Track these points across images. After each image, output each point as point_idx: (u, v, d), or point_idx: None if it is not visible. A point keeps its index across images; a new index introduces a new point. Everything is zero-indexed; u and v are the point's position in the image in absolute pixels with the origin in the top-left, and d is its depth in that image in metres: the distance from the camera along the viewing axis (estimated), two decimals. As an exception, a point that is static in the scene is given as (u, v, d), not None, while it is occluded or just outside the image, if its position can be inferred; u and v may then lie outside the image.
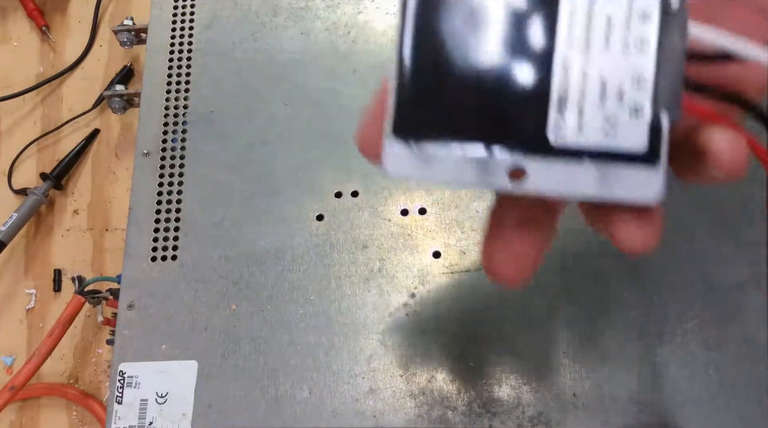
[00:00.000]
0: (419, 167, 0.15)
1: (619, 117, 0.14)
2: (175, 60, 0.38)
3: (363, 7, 0.38)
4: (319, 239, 0.33)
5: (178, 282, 0.32)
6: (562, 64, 0.14)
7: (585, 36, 0.14)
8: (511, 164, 0.15)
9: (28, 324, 0.47)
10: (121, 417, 0.30)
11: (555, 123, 0.14)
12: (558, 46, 0.14)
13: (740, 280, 0.30)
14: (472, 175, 0.15)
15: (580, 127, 0.14)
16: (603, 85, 0.14)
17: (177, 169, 0.35)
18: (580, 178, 0.14)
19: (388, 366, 0.30)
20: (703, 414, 0.28)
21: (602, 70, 0.14)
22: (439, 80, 0.15)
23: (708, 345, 0.30)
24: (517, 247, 0.16)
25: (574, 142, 0.14)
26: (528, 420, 0.29)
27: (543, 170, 0.14)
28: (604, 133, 0.14)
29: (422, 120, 0.15)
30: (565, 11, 0.14)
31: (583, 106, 0.14)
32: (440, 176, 0.15)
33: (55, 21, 0.56)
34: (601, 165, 0.14)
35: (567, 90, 0.14)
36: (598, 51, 0.14)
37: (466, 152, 0.15)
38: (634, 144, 0.14)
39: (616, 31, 0.14)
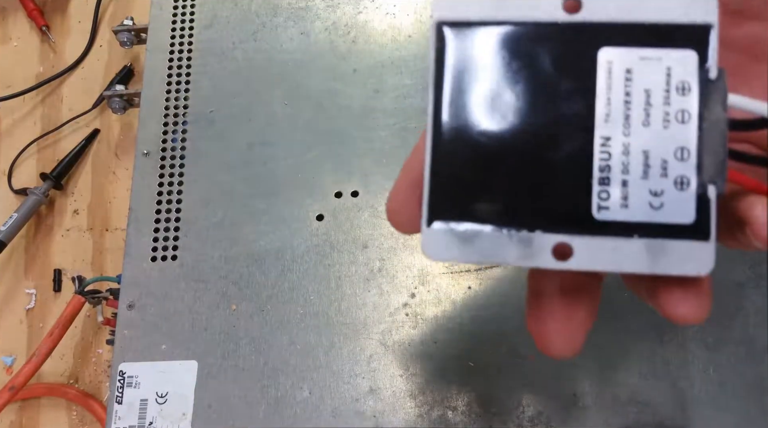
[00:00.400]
0: (460, 249, 0.15)
1: (664, 191, 0.14)
2: (175, 60, 0.38)
3: (363, 7, 0.38)
4: (319, 239, 0.33)
5: (178, 282, 0.32)
6: (603, 139, 0.14)
7: (624, 110, 0.14)
8: (556, 243, 0.14)
9: (28, 323, 0.47)
10: (121, 417, 0.30)
11: (599, 199, 0.14)
12: (597, 121, 0.14)
13: (740, 280, 0.30)
14: (515, 255, 0.14)
15: (625, 202, 0.14)
16: (646, 158, 0.14)
17: (177, 169, 0.35)
18: (628, 254, 0.14)
19: (388, 366, 0.30)
20: (704, 414, 0.28)
21: (644, 143, 0.14)
22: (476, 161, 0.15)
23: (708, 346, 0.30)
24: (566, 318, 0.16)
25: (619, 217, 0.14)
26: (528, 420, 0.29)
27: (589, 248, 0.14)
28: (651, 207, 0.14)
29: (460, 203, 0.15)
30: (603, 86, 0.14)
31: (627, 180, 0.14)
32: (482, 257, 0.15)
33: (55, 21, 0.56)
34: (649, 240, 0.14)
35: (609, 165, 0.14)
36: (638, 124, 0.14)
37: (507, 232, 0.14)
38: (682, 217, 0.14)
39: (655, 103, 0.14)
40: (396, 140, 0.35)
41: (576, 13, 0.14)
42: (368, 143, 0.35)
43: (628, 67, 0.14)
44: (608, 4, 0.14)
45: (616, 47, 0.14)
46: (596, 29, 0.14)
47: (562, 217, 0.14)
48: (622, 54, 0.14)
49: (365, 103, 0.36)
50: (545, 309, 0.16)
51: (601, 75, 0.14)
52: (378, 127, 0.35)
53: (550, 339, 0.16)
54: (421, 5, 0.38)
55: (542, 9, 0.15)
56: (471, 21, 0.15)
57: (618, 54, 0.14)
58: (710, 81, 0.14)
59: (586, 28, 0.14)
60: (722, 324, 0.30)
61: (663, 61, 0.14)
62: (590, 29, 0.14)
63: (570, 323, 0.16)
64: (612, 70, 0.14)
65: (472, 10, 0.15)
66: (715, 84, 0.14)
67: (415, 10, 0.38)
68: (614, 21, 0.14)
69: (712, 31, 0.14)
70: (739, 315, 0.30)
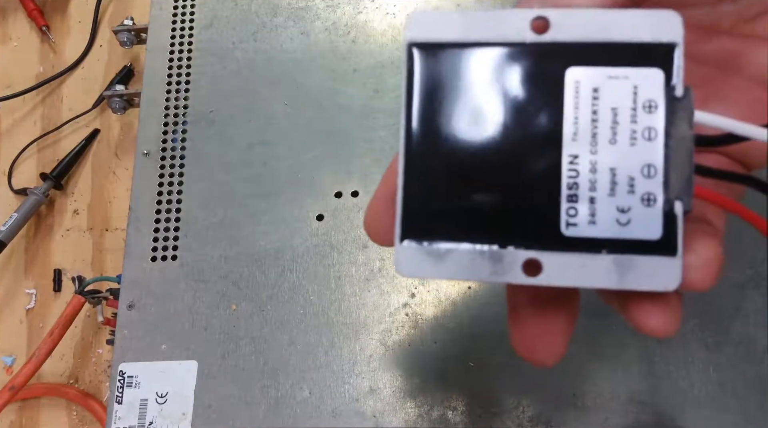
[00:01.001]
0: (432, 266, 0.15)
1: (632, 207, 0.14)
2: (175, 60, 0.38)
3: (363, 7, 0.38)
4: (319, 239, 0.33)
5: (178, 282, 0.33)
6: (571, 157, 0.14)
7: (591, 128, 0.14)
8: (526, 259, 0.14)
9: (28, 323, 0.47)
10: (121, 417, 0.30)
11: (567, 216, 0.14)
12: (565, 139, 0.14)
13: (740, 281, 0.30)
14: (486, 271, 0.15)
15: (592, 219, 0.14)
16: (613, 176, 0.14)
17: (177, 169, 0.35)
18: (597, 269, 0.14)
19: (388, 365, 0.30)
20: (703, 414, 0.28)
21: (611, 161, 0.14)
22: (447, 179, 0.15)
23: (708, 346, 0.30)
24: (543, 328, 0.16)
25: (588, 234, 0.14)
26: (528, 419, 0.29)
27: (558, 264, 0.14)
28: (618, 223, 0.14)
29: (432, 220, 0.15)
30: (570, 105, 0.14)
31: (595, 197, 0.14)
32: (454, 273, 0.15)
33: (55, 21, 0.56)
34: (617, 256, 0.14)
35: (577, 182, 0.14)
36: (605, 142, 0.14)
37: (478, 248, 0.15)
38: (649, 234, 0.14)
39: (622, 121, 0.14)
40: (396, 140, 0.35)
41: (544, 33, 0.15)
42: (368, 143, 0.35)
43: (596, 85, 0.14)
44: (575, 24, 0.14)
45: (584, 67, 0.14)
46: (564, 49, 0.14)
47: (531, 233, 0.14)
48: (589, 73, 0.14)
49: (365, 103, 0.36)
50: (523, 321, 0.16)
51: (568, 94, 0.14)
52: (378, 127, 0.35)
53: (529, 348, 0.16)
54: (420, 5, 0.38)
55: (511, 29, 0.15)
56: (442, 42, 0.15)
57: (585, 73, 0.14)
58: (676, 99, 0.14)
59: (553, 48, 0.15)
60: (722, 325, 0.30)
61: (630, 79, 0.14)
62: (558, 49, 0.14)
63: (547, 332, 0.16)
64: (579, 89, 0.14)
65: (443, 32, 0.15)
66: (681, 102, 0.14)
67: (414, 10, 0.38)
68: (581, 41, 0.14)
69: (677, 49, 0.14)
70: (738, 316, 0.30)
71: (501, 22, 0.15)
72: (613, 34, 0.14)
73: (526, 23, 0.15)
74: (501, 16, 0.15)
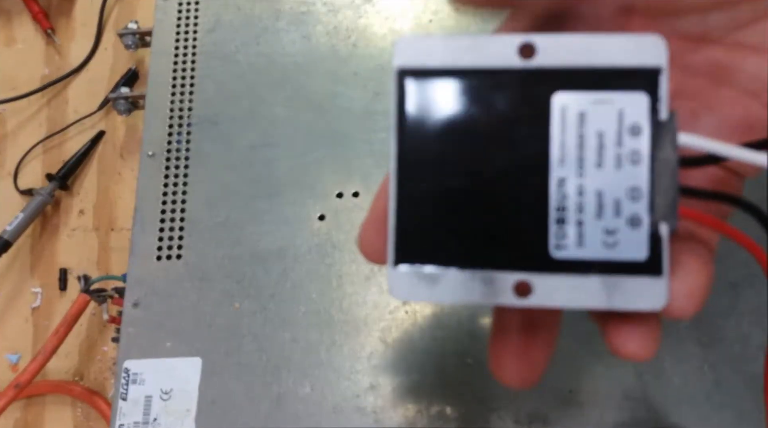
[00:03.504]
0: (425, 290, 0.15)
1: (618, 229, 0.14)
2: (179, 63, 0.38)
3: (363, 11, 0.39)
4: (320, 238, 0.33)
5: (182, 281, 0.33)
6: (558, 181, 0.15)
7: (578, 152, 0.15)
8: (516, 281, 0.15)
9: (33, 322, 0.48)
10: (126, 414, 0.30)
11: (556, 238, 0.15)
12: (552, 163, 0.15)
13: (734, 279, 0.31)
14: (478, 294, 0.15)
15: (580, 241, 0.14)
16: (600, 198, 0.14)
17: (181, 170, 0.36)
18: (586, 290, 0.15)
19: (387, 362, 0.30)
20: (698, 411, 0.29)
21: (598, 184, 0.14)
22: (438, 204, 0.15)
23: (703, 343, 0.30)
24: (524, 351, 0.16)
25: (576, 255, 0.15)
26: (525, 416, 0.29)
27: (548, 285, 0.15)
28: (605, 245, 0.14)
29: (424, 246, 0.15)
30: (557, 130, 0.15)
31: (582, 220, 0.14)
32: (446, 296, 0.15)
33: (60, 24, 0.56)
34: (605, 277, 0.14)
35: (565, 205, 0.15)
36: (592, 166, 0.14)
37: (470, 272, 0.15)
38: (635, 255, 0.14)
39: (608, 145, 0.14)
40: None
41: (531, 58, 0.15)
42: (369, 145, 0.35)
43: (582, 110, 0.15)
44: (562, 49, 0.15)
45: (570, 91, 0.15)
46: (550, 74, 0.15)
47: (521, 256, 0.15)
48: (575, 98, 0.15)
49: (366, 105, 0.36)
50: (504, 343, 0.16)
51: (555, 119, 0.15)
52: (378, 129, 0.36)
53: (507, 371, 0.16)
54: (420, 9, 0.39)
55: (498, 55, 0.15)
56: (430, 68, 0.15)
57: (571, 98, 0.15)
58: (661, 122, 0.14)
59: (540, 73, 0.15)
60: (717, 323, 0.30)
61: (615, 103, 0.14)
62: (545, 74, 0.15)
63: (524, 360, 0.16)
64: (566, 113, 0.15)
65: (432, 58, 0.15)
66: (666, 125, 0.14)
67: (414, 14, 0.39)
68: (568, 66, 0.15)
69: (662, 73, 0.15)
70: (733, 314, 0.30)
71: (488, 47, 0.15)
72: (598, 58, 0.15)
73: (513, 49, 0.15)
74: (488, 41, 0.15)
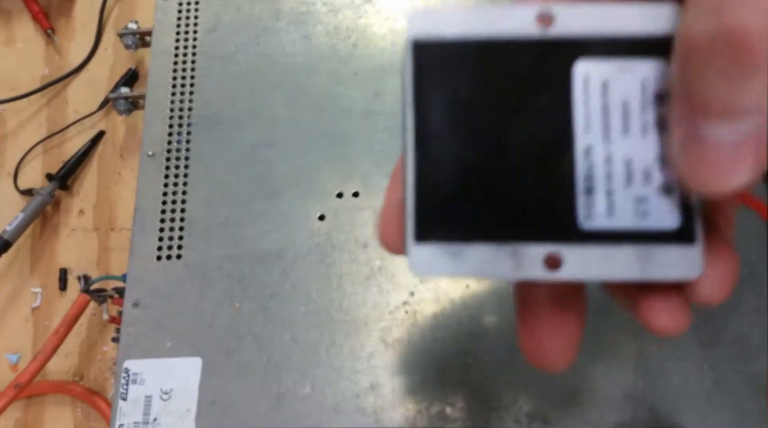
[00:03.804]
0: (448, 264, 0.14)
1: (649, 198, 0.14)
2: (179, 63, 0.38)
3: (363, 11, 0.39)
4: (320, 238, 0.33)
5: (182, 281, 0.33)
6: (584, 150, 0.14)
7: (603, 120, 0.14)
8: (546, 253, 0.14)
9: (33, 322, 0.48)
10: (126, 414, 0.30)
11: (585, 208, 0.14)
12: (577, 132, 0.14)
13: (734, 279, 0.31)
14: (507, 268, 0.14)
15: (610, 210, 0.14)
16: (628, 167, 0.14)
17: (182, 170, 0.36)
18: (617, 261, 0.14)
19: (388, 362, 0.31)
20: (698, 410, 0.29)
21: (625, 152, 0.14)
22: (460, 177, 0.14)
23: (703, 342, 0.30)
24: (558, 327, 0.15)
25: (606, 226, 0.14)
26: (525, 415, 0.29)
27: (579, 257, 0.14)
28: (636, 214, 0.14)
29: (446, 220, 0.14)
30: (580, 98, 0.14)
31: (611, 189, 0.14)
32: (473, 271, 0.14)
33: (60, 24, 0.56)
34: (637, 247, 0.14)
35: (592, 175, 0.14)
36: (618, 134, 0.14)
37: (497, 245, 0.14)
38: (667, 223, 0.14)
39: (633, 114, 0.14)
40: (396, 142, 0.35)
41: (549, 26, 0.14)
42: (369, 145, 0.35)
43: (605, 78, 0.14)
44: (581, 18, 0.14)
45: (591, 59, 0.14)
46: (570, 43, 0.14)
47: (549, 228, 0.14)
48: (597, 66, 0.14)
49: (366, 105, 0.36)
50: (538, 322, 0.16)
51: (577, 87, 0.14)
52: (378, 129, 0.36)
53: (542, 353, 0.16)
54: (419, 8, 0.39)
55: (516, 24, 0.14)
56: (446, 38, 0.15)
57: (594, 66, 0.14)
58: None
59: (560, 41, 0.14)
60: (717, 322, 0.30)
61: (639, 72, 0.14)
62: (564, 43, 0.14)
63: (562, 334, 0.15)
64: (588, 81, 0.14)
65: (447, 28, 0.15)
66: None
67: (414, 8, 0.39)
68: (588, 35, 0.14)
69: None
70: (733, 314, 0.30)
71: (505, 16, 0.14)
72: (618, 26, 0.14)
73: (531, 18, 0.14)
74: (505, 11, 0.14)
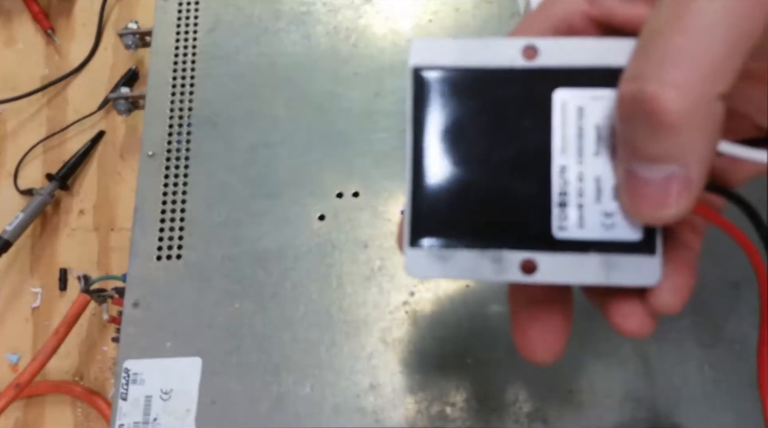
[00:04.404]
0: (438, 267, 0.16)
1: (615, 212, 0.16)
2: (179, 63, 0.38)
3: (363, 11, 0.39)
4: (320, 238, 0.33)
5: (182, 281, 0.33)
6: (560, 168, 0.16)
7: (578, 142, 0.16)
8: (523, 259, 0.16)
9: (33, 322, 0.48)
10: (126, 414, 0.30)
11: (558, 220, 0.16)
12: (554, 152, 0.16)
13: (734, 279, 0.31)
14: (488, 271, 0.16)
15: (581, 222, 0.16)
16: (598, 184, 0.16)
17: (182, 170, 0.36)
18: (586, 268, 0.16)
19: (388, 362, 0.31)
20: (698, 411, 0.29)
21: (596, 171, 0.16)
22: (451, 190, 0.16)
23: (703, 343, 0.30)
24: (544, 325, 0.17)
25: (577, 236, 0.16)
26: (525, 415, 0.29)
27: (551, 263, 0.16)
28: (603, 226, 0.16)
29: (438, 228, 0.16)
30: (558, 122, 0.16)
31: (582, 203, 0.16)
32: (459, 274, 0.16)
33: (60, 24, 0.56)
34: (603, 255, 0.16)
35: (566, 190, 0.16)
36: (590, 155, 0.16)
37: (481, 251, 0.16)
38: (631, 235, 0.16)
39: (604, 136, 0.16)
40: (396, 142, 0.35)
41: (534, 59, 0.16)
42: (369, 145, 0.35)
43: (580, 105, 0.16)
44: (561, 51, 0.16)
45: (570, 88, 0.16)
46: (551, 73, 0.16)
47: (527, 236, 0.16)
48: (574, 94, 0.16)
49: (366, 105, 0.36)
50: (525, 319, 0.17)
51: (556, 112, 0.16)
52: (378, 129, 0.36)
53: (532, 346, 0.17)
54: (420, 10, 0.39)
55: (504, 56, 0.16)
56: (443, 67, 0.17)
57: (571, 94, 0.16)
58: None
59: (542, 72, 0.16)
60: (717, 323, 0.30)
61: (610, 99, 0.16)
62: (546, 73, 0.16)
63: (550, 330, 0.17)
64: (566, 108, 0.16)
65: (444, 57, 0.17)
66: None
67: (414, 14, 0.39)
68: (567, 66, 0.16)
69: None
70: (733, 314, 0.30)
71: (495, 49, 0.16)
72: (594, 59, 0.16)
73: (518, 50, 0.16)
74: (495, 43, 0.16)
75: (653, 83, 0.13)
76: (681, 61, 0.13)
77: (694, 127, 0.13)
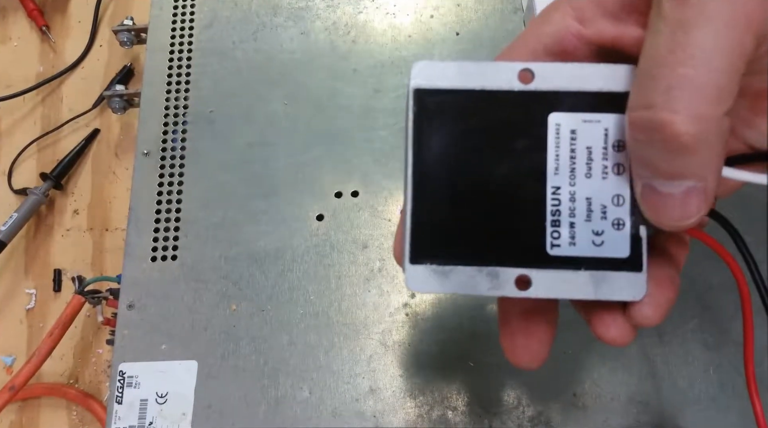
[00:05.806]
0: (437, 283, 0.17)
1: (605, 231, 0.17)
2: (175, 60, 0.38)
3: (363, 7, 0.39)
4: (319, 239, 0.33)
5: (178, 282, 0.33)
6: (553, 189, 0.17)
7: (570, 164, 0.17)
8: (518, 275, 0.17)
9: (28, 323, 0.47)
10: (121, 417, 0.30)
11: (551, 238, 0.17)
12: (548, 173, 0.17)
13: (740, 280, 0.31)
14: (485, 287, 0.17)
15: (572, 240, 0.17)
16: (589, 204, 0.17)
17: (177, 169, 0.35)
18: (576, 283, 0.17)
19: (388, 366, 0.30)
20: (703, 414, 0.29)
21: (587, 192, 0.17)
22: (449, 208, 0.17)
23: (708, 345, 0.30)
24: (530, 330, 0.19)
25: (568, 253, 0.17)
26: (528, 420, 0.29)
27: (544, 279, 0.17)
28: (594, 244, 0.17)
29: (438, 244, 0.17)
30: (552, 145, 0.17)
31: (574, 222, 0.17)
32: (457, 288, 0.17)
33: (55, 21, 0.56)
34: (593, 272, 0.17)
35: (559, 210, 0.17)
36: (582, 176, 0.17)
37: (477, 267, 0.17)
38: (619, 253, 0.17)
39: (596, 158, 0.17)
40: (396, 140, 0.35)
41: (529, 83, 0.17)
42: (368, 143, 0.35)
43: (573, 128, 0.17)
44: (556, 76, 0.17)
45: (563, 112, 0.17)
46: (546, 97, 0.17)
47: (522, 253, 0.17)
48: (568, 117, 0.17)
49: (365, 103, 0.36)
50: (512, 331, 0.19)
51: (550, 135, 0.17)
52: (378, 127, 0.35)
53: (516, 352, 0.19)
54: (421, 6, 0.38)
55: (501, 79, 0.17)
56: (442, 89, 0.17)
57: (564, 117, 0.17)
58: None
59: (537, 95, 0.17)
60: (722, 325, 0.30)
61: (602, 123, 0.17)
62: (541, 96, 0.17)
63: (534, 339, 0.19)
64: (560, 131, 0.17)
65: (444, 80, 0.17)
66: None
67: (414, 10, 0.38)
68: (561, 89, 0.17)
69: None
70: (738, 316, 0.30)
71: (493, 72, 0.17)
72: (587, 84, 0.17)
73: (515, 74, 0.17)
74: (493, 67, 0.17)
75: (666, 112, 0.14)
76: (689, 91, 0.14)
77: (708, 145, 0.14)
